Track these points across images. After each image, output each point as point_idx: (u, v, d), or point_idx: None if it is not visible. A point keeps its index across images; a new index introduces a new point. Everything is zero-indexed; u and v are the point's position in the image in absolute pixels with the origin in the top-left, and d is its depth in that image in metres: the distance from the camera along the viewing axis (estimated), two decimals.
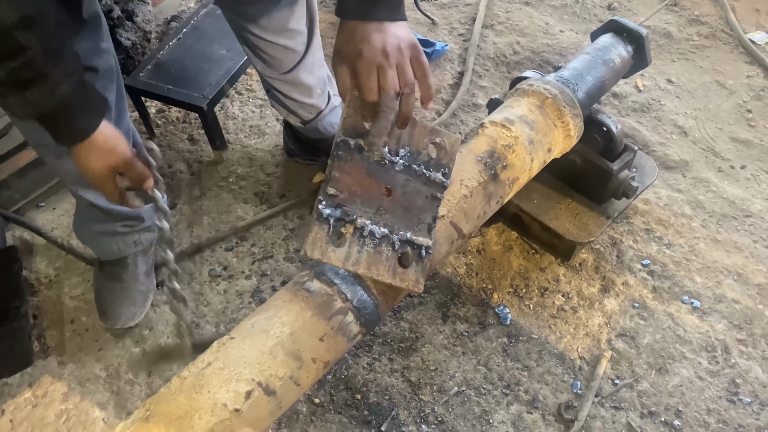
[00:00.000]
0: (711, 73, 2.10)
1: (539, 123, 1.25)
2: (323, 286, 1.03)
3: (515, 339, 1.46)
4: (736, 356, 1.43)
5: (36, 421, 1.37)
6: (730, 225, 1.67)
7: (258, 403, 0.94)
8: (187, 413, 0.91)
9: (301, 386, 1.00)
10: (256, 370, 0.95)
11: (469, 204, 1.15)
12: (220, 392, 0.92)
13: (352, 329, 1.04)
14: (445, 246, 1.14)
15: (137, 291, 1.50)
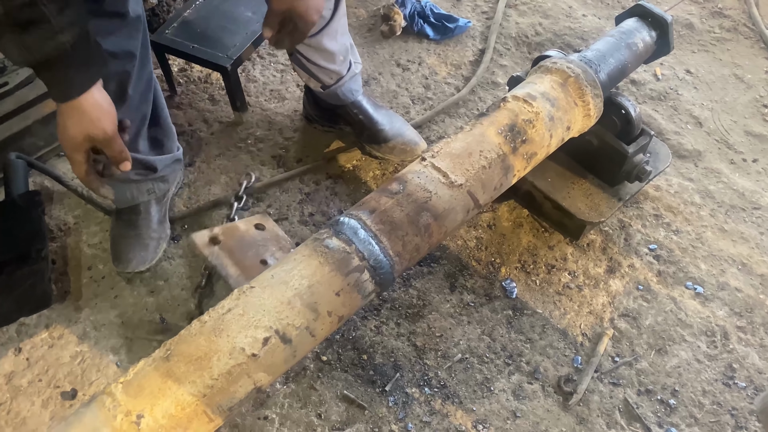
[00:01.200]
0: (730, 66, 2.11)
1: (560, 100, 1.27)
2: (342, 244, 1.06)
3: (520, 312, 1.50)
4: (734, 342, 1.46)
5: (52, 361, 1.41)
6: (738, 216, 1.70)
7: (274, 350, 0.98)
8: (206, 354, 0.95)
9: (316, 338, 1.04)
10: (274, 318, 0.99)
11: (487, 175, 1.18)
12: (238, 337, 0.96)
13: (367, 287, 1.07)
14: (461, 214, 1.17)
15: (149, 237, 1.55)
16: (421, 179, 1.14)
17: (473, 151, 1.18)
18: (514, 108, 1.24)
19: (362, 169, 1.77)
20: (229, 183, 1.73)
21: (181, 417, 0.91)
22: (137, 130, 1.38)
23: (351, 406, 1.35)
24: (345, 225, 1.08)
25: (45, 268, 1.45)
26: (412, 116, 1.88)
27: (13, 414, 1.34)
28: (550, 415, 1.35)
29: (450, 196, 1.14)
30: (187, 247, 1.58)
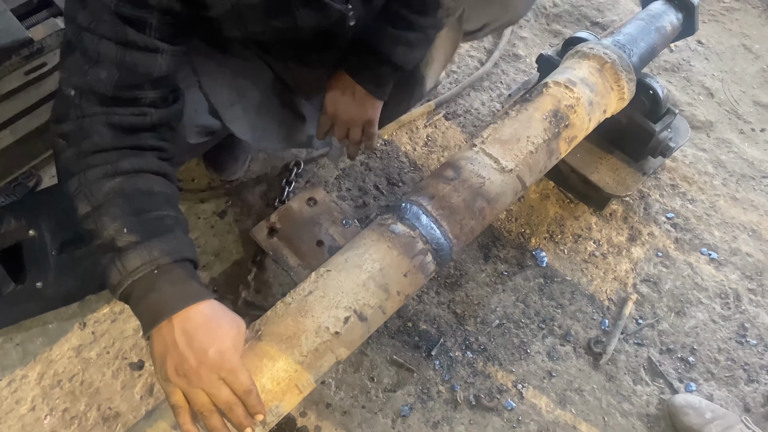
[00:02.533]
0: (739, 37, 2.19)
1: (599, 86, 1.35)
2: (406, 229, 1.15)
3: (550, 280, 1.62)
4: (746, 303, 1.60)
5: (116, 334, 1.50)
6: (748, 184, 1.82)
7: (353, 328, 1.08)
8: (295, 334, 1.04)
9: (386, 314, 1.14)
10: (352, 299, 1.08)
11: (534, 159, 1.27)
12: (322, 317, 1.06)
13: (429, 267, 1.17)
14: (510, 197, 1.26)
15: (240, 151, 1.70)
16: (475, 166, 1.23)
17: (521, 136, 1.26)
18: (556, 94, 1.32)
19: (393, 144, 1.84)
20: (268, 159, 1.79)
21: (276, 391, 1.01)
22: None
23: (400, 370, 1.47)
24: (408, 211, 1.17)
25: None
26: (440, 91, 1.95)
27: (86, 384, 1.43)
28: (582, 373, 1.48)
29: (501, 181, 1.23)
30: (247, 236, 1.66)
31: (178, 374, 0.88)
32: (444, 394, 1.44)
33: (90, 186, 0.92)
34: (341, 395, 1.42)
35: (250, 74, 1.26)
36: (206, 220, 1.68)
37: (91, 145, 0.93)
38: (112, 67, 0.91)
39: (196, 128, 1.19)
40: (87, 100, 0.92)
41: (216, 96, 1.20)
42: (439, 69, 1.44)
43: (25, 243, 1.45)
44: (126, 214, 0.91)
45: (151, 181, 0.97)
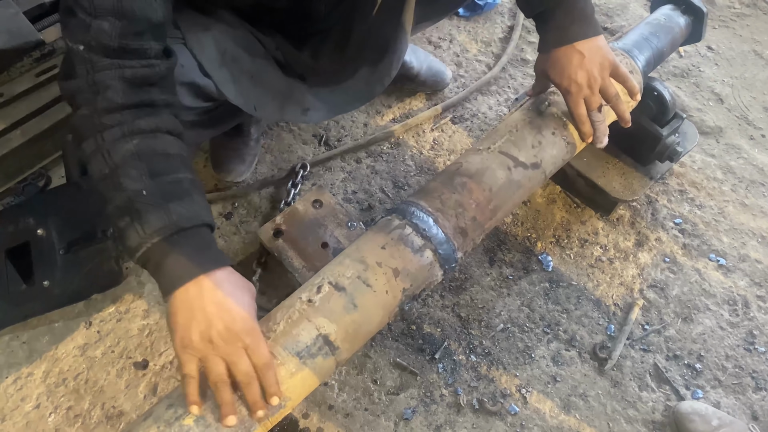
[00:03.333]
0: (749, 43, 2.18)
1: None
2: (387, 217, 1.17)
3: (556, 284, 1.61)
4: (754, 310, 1.58)
5: (121, 333, 1.51)
6: (757, 191, 1.80)
7: (330, 297, 1.04)
8: (271, 313, 1.06)
9: (372, 287, 1.07)
10: (327, 274, 1.09)
11: (517, 137, 1.27)
12: (297, 294, 1.07)
13: (413, 240, 1.12)
14: (500, 171, 1.25)
15: (247, 153, 1.71)
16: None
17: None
18: (560, 101, 1.32)
19: (400, 146, 1.84)
20: (274, 162, 1.80)
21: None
22: None
23: (404, 373, 1.46)
24: (398, 209, 1.17)
25: (111, 247, 1.53)
26: (447, 95, 1.95)
27: (91, 383, 1.44)
28: (587, 379, 1.47)
29: (481, 158, 1.22)
30: (252, 238, 1.67)
31: (203, 339, 0.88)
32: (447, 397, 1.43)
33: (107, 147, 0.93)
34: (344, 397, 1.42)
35: (241, 42, 1.24)
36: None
37: (105, 101, 0.93)
38: (112, 17, 0.92)
39: (186, 87, 1.17)
40: (96, 53, 0.93)
41: (203, 54, 1.17)
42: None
43: (33, 242, 1.46)
44: (145, 177, 0.92)
45: (167, 143, 0.98)
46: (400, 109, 1.92)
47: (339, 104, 1.43)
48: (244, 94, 1.25)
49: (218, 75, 1.19)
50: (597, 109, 1.21)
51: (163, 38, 1.01)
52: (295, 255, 1.45)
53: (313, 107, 1.39)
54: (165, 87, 1.02)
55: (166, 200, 0.91)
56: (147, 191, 0.91)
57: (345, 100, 1.43)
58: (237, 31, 1.24)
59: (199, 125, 1.28)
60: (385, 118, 1.90)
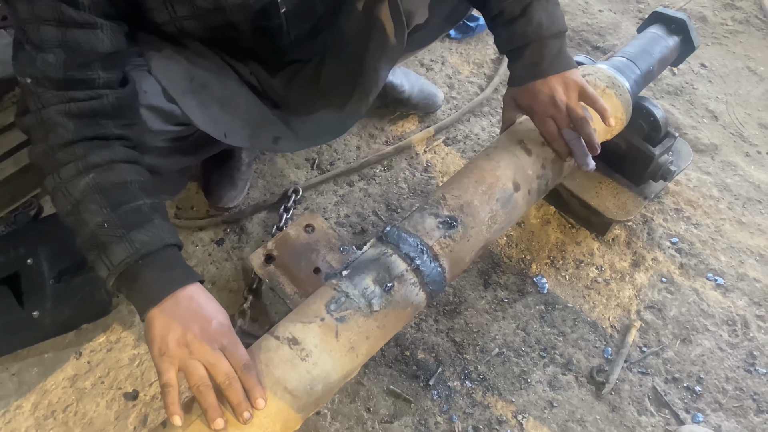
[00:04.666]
0: (743, 59, 2.18)
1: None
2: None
3: (552, 307, 1.58)
4: (754, 330, 1.55)
5: (112, 364, 1.49)
6: (754, 208, 1.78)
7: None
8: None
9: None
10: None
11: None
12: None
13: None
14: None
15: (239, 179, 1.71)
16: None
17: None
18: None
19: (393, 170, 1.83)
20: (267, 186, 1.79)
21: None
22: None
23: (398, 400, 1.44)
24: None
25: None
26: (439, 116, 1.95)
27: (80, 415, 1.42)
28: (584, 404, 1.44)
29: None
30: (243, 264, 1.66)
31: (179, 344, 0.90)
32: (442, 425, 1.40)
33: (65, 185, 0.97)
34: (336, 426, 1.40)
35: (212, 68, 1.24)
36: (204, 248, 1.68)
37: (56, 138, 0.97)
38: (58, 49, 0.95)
39: (155, 111, 1.15)
40: (42, 87, 0.96)
41: (167, 81, 1.17)
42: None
43: (23, 271, 1.45)
44: (104, 209, 0.95)
45: (123, 172, 1.00)
46: (392, 131, 1.92)
47: (311, 135, 1.41)
48: (214, 120, 1.24)
49: (183, 101, 1.19)
50: (568, 127, 1.19)
51: (115, 68, 1.03)
52: (287, 281, 1.43)
53: (285, 136, 1.36)
54: (120, 117, 1.04)
55: (127, 230, 0.95)
56: (108, 224, 0.94)
57: (317, 132, 1.40)
58: (208, 57, 1.24)
59: (178, 151, 1.27)
60: (378, 141, 1.89)
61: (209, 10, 1.09)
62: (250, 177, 1.78)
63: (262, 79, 1.34)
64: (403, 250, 1.08)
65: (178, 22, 1.11)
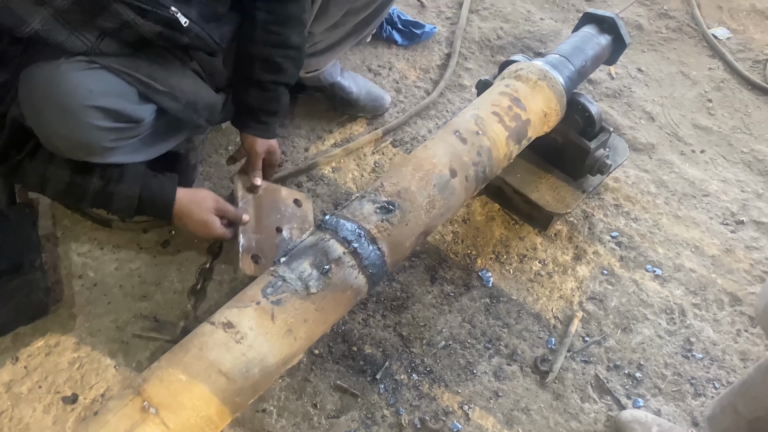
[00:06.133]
0: (677, 64, 2.27)
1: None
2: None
3: (496, 300, 1.61)
4: (691, 318, 1.60)
5: (50, 368, 1.45)
6: (689, 203, 1.85)
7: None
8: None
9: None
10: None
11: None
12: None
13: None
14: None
15: (185, 180, 1.67)
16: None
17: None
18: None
19: (341, 171, 1.85)
20: (213, 188, 1.78)
21: None
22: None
23: (344, 395, 1.43)
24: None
25: (39, 278, 1.49)
26: (387, 119, 1.98)
27: (15, 421, 1.37)
28: (529, 393, 1.46)
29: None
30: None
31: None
32: (389, 418, 1.40)
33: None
34: (282, 423, 1.38)
35: (152, 58, 1.27)
36: (148, 249, 1.65)
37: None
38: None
39: (98, 110, 1.17)
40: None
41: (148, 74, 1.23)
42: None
43: None
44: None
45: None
46: (341, 134, 1.94)
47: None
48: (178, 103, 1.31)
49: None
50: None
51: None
52: (252, 216, 1.48)
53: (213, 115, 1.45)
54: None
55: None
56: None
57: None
58: (148, 54, 1.26)
59: (125, 150, 1.29)
60: (326, 143, 1.91)
61: (117, 28, 1.15)
62: (197, 179, 1.77)
63: (202, 60, 1.37)
64: (341, 234, 1.09)
65: (96, 48, 1.15)
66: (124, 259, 1.63)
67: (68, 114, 1.14)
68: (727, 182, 1.93)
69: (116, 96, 1.19)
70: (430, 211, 1.18)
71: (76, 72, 1.13)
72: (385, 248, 1.12)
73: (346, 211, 1.15)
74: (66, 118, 1.14)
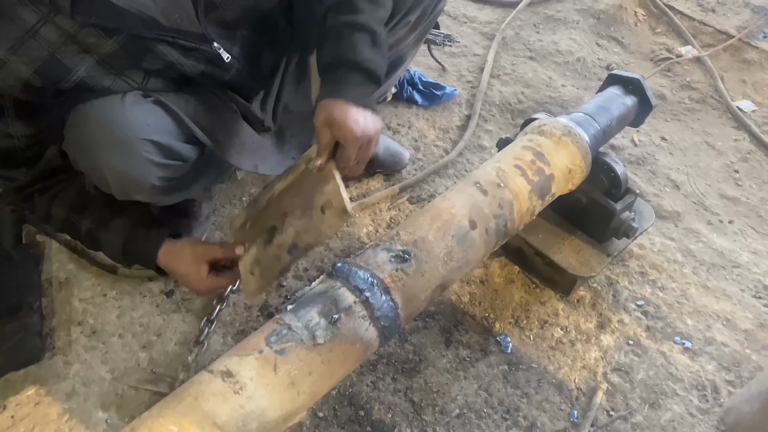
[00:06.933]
0: (701, 135, 2.24)
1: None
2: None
3: (515, 367, 1.51)
4: (725, 396, 1.49)
5: (38, 419, 1.37)
6: (719, 273, 1.76)
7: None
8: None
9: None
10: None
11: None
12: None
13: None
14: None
15: (196, 230, 1.68)
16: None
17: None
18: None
19: (356, 225, 1.80)
20: (224, 239, 1.74)
21: None
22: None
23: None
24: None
25: (36, 322, 1.43)
26: (404, 176, 1.94)
27: None
28: None
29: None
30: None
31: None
32: None
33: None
34: None
35: (201, 99, 1.28)
36: (152, 299, 1.59)
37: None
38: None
39: (153, 144, 1.16)
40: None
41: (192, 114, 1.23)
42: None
43: None
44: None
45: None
46: (357, 189, 1.90)
47: (285, 163, 1.46)
48: (238, 151, 1.34)
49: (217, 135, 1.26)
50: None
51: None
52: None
53: (261, 161, 1.43)
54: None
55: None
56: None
57: (288, 162, 1.47)
58: (193, 92, 1.27)
59: (168, 191, 1.30)
60: None
61: (161, 69, 1.16)
62: (208, 229, 1.73)
63: (240, 103, 1.36)
64: (352, 282, 1.03)
65: (143, 87, 1.17)
66: (127, 306, 1.57)
67: (125, 146, 1.14)
68: (758, 254, 1.84)
69: (168, 132, 1.20)
70: (448, 263, 1.11)
71: (133, 105, 1.14)
72: (399, 299, 1.05)
73: (359, 258, 1.09)
74: (122, 150, 1.14)
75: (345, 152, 1.10)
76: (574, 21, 2.68)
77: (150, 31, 1.08)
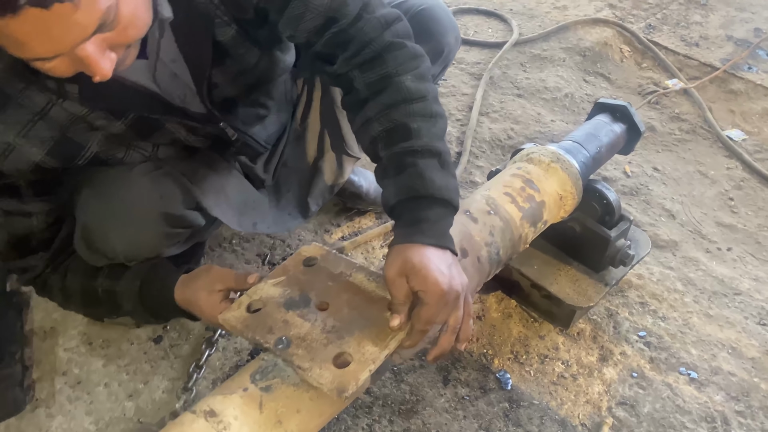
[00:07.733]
0: (693, 164, 2.24)
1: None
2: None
3: (516, 404, 1.45)
4: (735, 427, 1.43)
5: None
6: (721, 301, 1.72)
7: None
8: None
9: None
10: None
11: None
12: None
13: None
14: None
15: (193, 260, 1.61)
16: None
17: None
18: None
19: None
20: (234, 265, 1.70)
21: None
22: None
23: None
24: None
25: (18, 373, 1.38)
26: None
27: None
28: None
29: None
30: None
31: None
32: None
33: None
34: None
35: (204, 160, 1.30)
36: (140, 345, 1.54)
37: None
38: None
39: (166, 218, 1.17)
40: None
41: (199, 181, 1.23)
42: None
43: None
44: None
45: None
46: (349, 227, 1.88)
47: (280, 220, 1.49)
48: (235, 212, 1.33)
49: (207, 202, 1.24)
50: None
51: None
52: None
53: (260, 220, 1.42)
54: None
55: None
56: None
57: (283, 217, 1.50)
58: (200, 158, 1.30)
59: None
60: (334, 236, 1.84)
61: (169, 143, 1.20)
62: (203, 256, 1.70)
63: (243, 163, 1.40)
64: None
65: (154, 156, 1.20)
66: (113, 355, 1.52)
67: (136, 220, 1.14)
68: (759, 281, 1.81)
69: (180, 203, 1.20)
70: None
71: (144, 177, 1.15)
72: None
73: None
74: (133, 223, 1.14)
75: (425, 310, 0.91)
76: (561, 59, 2.71)
77: (156, 113, 1.10)
